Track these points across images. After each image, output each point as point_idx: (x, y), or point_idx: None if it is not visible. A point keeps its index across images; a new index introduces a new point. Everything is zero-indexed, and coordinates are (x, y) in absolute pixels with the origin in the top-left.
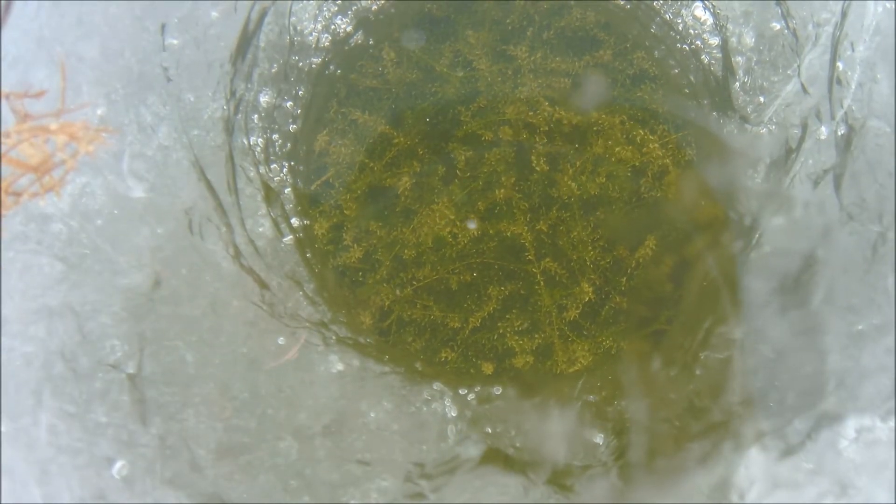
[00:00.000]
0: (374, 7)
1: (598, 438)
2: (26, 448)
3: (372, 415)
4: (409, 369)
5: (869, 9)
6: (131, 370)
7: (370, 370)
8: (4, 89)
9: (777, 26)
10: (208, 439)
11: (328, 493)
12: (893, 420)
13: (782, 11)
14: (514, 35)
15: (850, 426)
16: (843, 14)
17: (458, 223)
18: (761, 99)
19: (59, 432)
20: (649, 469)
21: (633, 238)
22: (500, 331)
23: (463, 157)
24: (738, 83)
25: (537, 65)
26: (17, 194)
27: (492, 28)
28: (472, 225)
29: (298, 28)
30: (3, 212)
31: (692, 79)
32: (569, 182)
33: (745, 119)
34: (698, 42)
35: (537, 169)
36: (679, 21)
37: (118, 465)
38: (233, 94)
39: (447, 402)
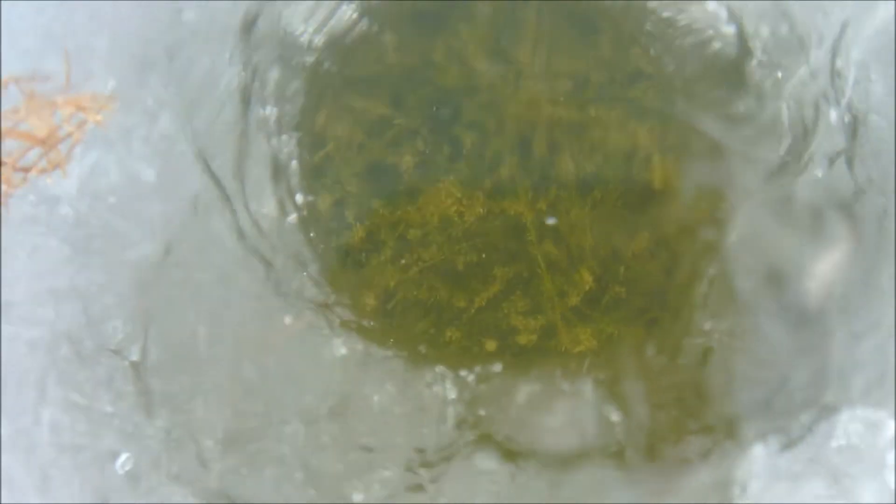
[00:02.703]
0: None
1: (599, 423)
2: (27, 441)
3: (376, 398)
4: (412, 353)
5: (865, 16)
6: (135, 357)
7: (374, 354)
8: (14, 75)
9: (785, 28)
10: (215, 427)
11: (333, 484)
12: (892, 413)
13: (788, 22)
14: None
15: (848, 420)
16: (843, 26)
17: (463, 201)
18: (779, 74)
19: (62, 420)
20: (649, 462)
21: (632, 233)
22: (505, 311)
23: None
24: (755, 61)
25: (539, 63)
26: (25, 170)
27: (485, 25)
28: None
29: (289, 30)
30: (11, 190)
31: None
32: (567, 162)
33: (762, 94)
34: (710, 31)
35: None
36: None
37: (122, 457)
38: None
39: (448, 384)
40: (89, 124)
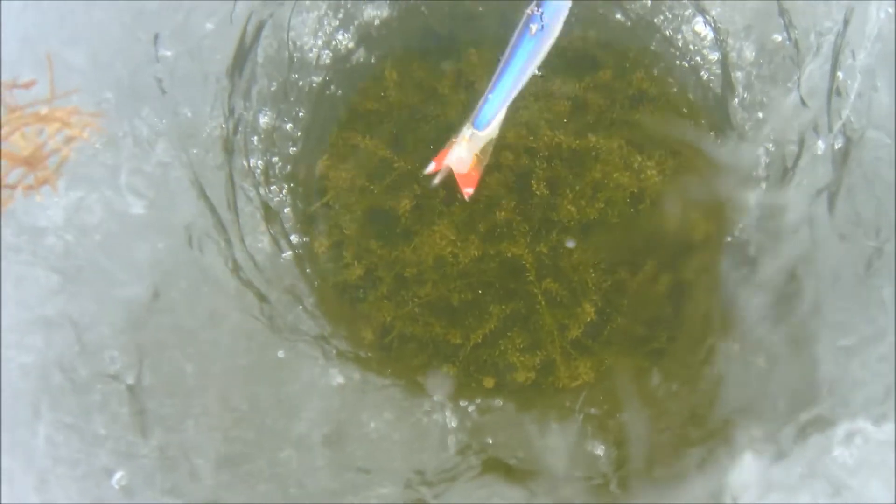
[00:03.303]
0: (377, 22)
1: (599, 450)
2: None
3: (372, 425)
4: (409, 382)
5: (871, 15)
6: (131, 381)
7: (371, 383)
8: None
9: (778, 38)
10: (208, 450)
11: (328, 499)
12: (892, 423)
13: (784, 23)
14: None
15: (846, 434)
16: (846, 21)
17: (458, 244)
18: (759, 115)
19: (58, 444)
20: (648, 479)
21: (631, 261)
22: (502, 348)
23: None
24: (736, 100)
25: (538, 87)
26: (12, 187)
27: (493, 47)
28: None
29: (298, 43)
30: (2, 207)
31: (691, 97)
32: (568, 206)
33: (742, 137)
34: (698, 58)
35: (537, 193)
36: (679, 37)
37: (117, 475)
38: (231, 112)
39: (447, 413)
40: (76, 141)
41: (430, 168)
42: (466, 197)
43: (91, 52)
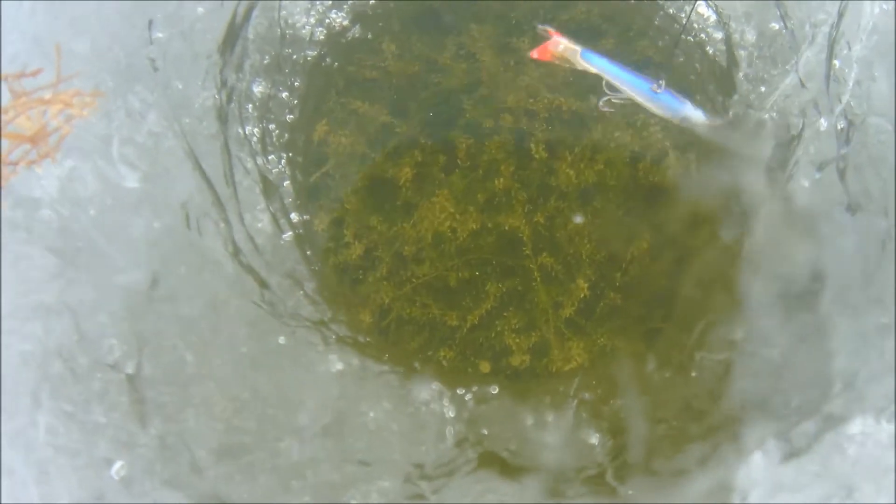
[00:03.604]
0: (372, 1)
1: (594, 439)
2: (25, 449)
3: (371, 415)
4: (408, 368)
5: (866, 9)
6: (130, 370)
7: (369, 369)
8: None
9: (776, 26)
10: (208, 440)
11: (329, 493)
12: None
13: (780, 13)
14: (517, 29)
15: (855, 428)
16: (840, 14)
17: (457, 216)
18: (762, 88)
19: (58, 433)
20: (646, 472)
21: (630, 232)
22: (498, 329)
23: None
24: (741, 73)
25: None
26: (14, 163)
27: (495, 23)
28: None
29: (290, 21)
30: (3, 183)
31: (697, 66)
32: (567, 170)
33: (748, 105)
34: (703, 35)
35: (536, 156)
36: (682, 15)
37: (117, 465)
38: (224, 83)
39: (445, 402)
40: (76, 120)
41: (549, 29)
42: (531, 55)
43: (93, 41)
